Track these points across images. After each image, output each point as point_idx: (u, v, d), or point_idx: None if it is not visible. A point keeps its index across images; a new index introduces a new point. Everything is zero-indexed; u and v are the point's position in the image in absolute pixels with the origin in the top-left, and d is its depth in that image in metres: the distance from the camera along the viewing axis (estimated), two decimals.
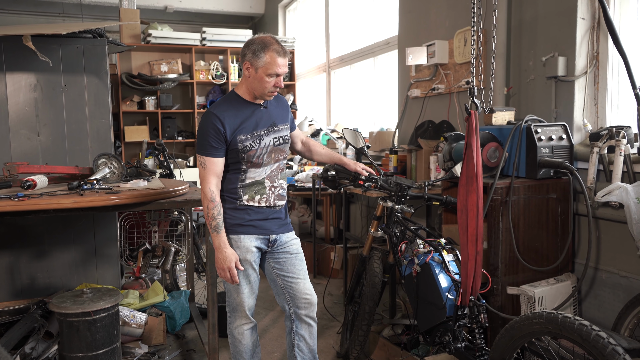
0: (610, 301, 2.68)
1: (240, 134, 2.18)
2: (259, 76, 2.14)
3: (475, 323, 2.24)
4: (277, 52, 2.13)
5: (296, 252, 2.36)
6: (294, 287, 2.32)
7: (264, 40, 2.14)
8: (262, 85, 2.17)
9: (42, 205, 2.20)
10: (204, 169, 2.17)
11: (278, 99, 2.39)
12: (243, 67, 2.18)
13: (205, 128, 2.16)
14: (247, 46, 2.16)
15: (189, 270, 3.56)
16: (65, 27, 2.95)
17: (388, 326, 2.94)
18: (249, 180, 2.24)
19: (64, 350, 1.98)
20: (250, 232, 2.23)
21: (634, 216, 2.32)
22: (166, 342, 3.13)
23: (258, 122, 2.24)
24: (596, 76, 2.85)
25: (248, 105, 2.24)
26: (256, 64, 2.13)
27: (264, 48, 2.11)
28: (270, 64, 2.12)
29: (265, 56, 2.11)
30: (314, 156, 2.61)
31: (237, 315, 2.32)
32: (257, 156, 2.22)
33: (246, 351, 2.34)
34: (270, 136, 2.26)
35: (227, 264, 2.14)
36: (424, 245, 2.43)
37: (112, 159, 2.85)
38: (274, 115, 2.31)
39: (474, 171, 2.13)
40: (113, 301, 2.01)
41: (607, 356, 1.68)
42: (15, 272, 3.18)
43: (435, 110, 3.96)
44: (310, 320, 2.36)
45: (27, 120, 3.14)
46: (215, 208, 2.15)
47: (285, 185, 2.37)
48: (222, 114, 2.17)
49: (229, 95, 2.28)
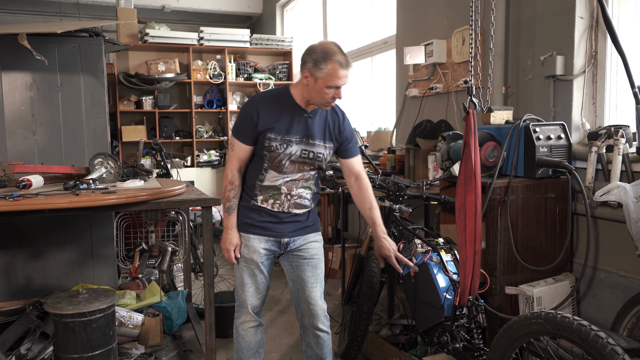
0: (609, 301, 2.67)
1: (271, 132, 2.11)
2: (318, 87, 2.04)
3: (474, 323, 2.23)
4: (340, 64, 2.01)
5: (311, 257, 2.28)
6: (300, 294, 2.29)
7: (327, 49, 2.02)
8: (320, 95, 2.06)
9: (38, 205, 2.18)
10: (232, 150, 2.18)
11: (336, 116, 2.24)
12: (302, 74, 2.08)
13: (243, 113, 2.15)
14: (308, 53, 2.05)
15: (186, 270, 3.54)
16: (61, 26, 2.93)
17: (386, 326, 2.93)
18: (267, 182, 2.18)
19: (59, 351, 1.97)
20: (260, 234, 2.20)
21: (632, 215, 2.31)
22: (163, 342, 3.11)
23: (294, 127, 2.14)
24: (595, 75, 2.84)
25: (293, 108, 2.15)
26: (316, 74, 2.02)
27: (326, 58, 2.00)
28: (331, 75, 2.01)
29: (327, 67, 2.00)
30: (357, 205, 2.38)
31: (242, 312, 2.30)
32: (279, 160, 2.14)
33: (248, 349, 2.31)
34: (300, 146, 2.15)
35: (227, 245, 2.21)
36: (422, 245, 2.42)
37: (109, 159, 2.83)
38: (315, 128, 2.17)
39: (472, 170, 2.12)
40: (109, 302, 1.99)
41: (606, 356, 1.67)
42: (11, 273, 3.16)
43: (433, 110, 3.95)
44: (316, 331, 2.30)
45: (23, 120, 3.12)
46: (233, 190, 2.17)
47: (307, 194, 2.24)
48: (263, 105, 2.12)
49: (282, 90, 2.20)
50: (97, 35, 3.25)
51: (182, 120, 6.82)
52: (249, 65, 6.74)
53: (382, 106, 5.10)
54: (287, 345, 3.15)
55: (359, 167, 2.32)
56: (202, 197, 2.59)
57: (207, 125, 6.82)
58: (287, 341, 3.20)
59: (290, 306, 3.81)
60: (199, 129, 6.66)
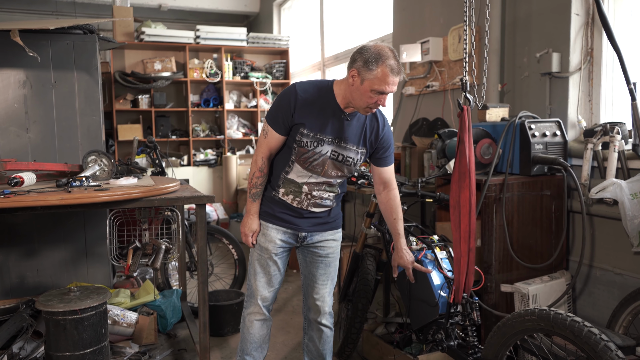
0: (605, 299, 2.66)
1: (304, 128, 2.04)
2: (363, 88, 1.93)
3: (468, 320, 2.21)
4: (392, 69, 1.90)
5: (325, 255, 2.26)
6: (309, 289, 2.29)
7: (380, 51, 1.91)
8: (363, 99, 1.96)
9: (29, 202, 2.16)
10: (264, 137, 2.12)
11: (375, 122, 2.14)
12: (349, 72, 1.97)
13: (281, 100, 2.07)
14: (360, 52, 1.94)
15: (181, 269, 3.52)
16: (54, 23, 2.91)
17: (381, 325, 2.91)
18: (291, 176, 2.13)
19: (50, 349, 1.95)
20: (279, 224, 2.19)
21: (628, 212, 2.30)
22: (157, 341, 3.09)
23: (328, 127, 2.05)
24: (590, 72, 2.83)
25: (332, 106, 2.05)
26: (364, 75, 1.91)
27: (378, 60, 1.89)
28: (380, 79, 1.90)
29: (377, 69, 1.90)
30: (382, 214, 2.31)
31: (251, 302, 2.26)
32: (307, 158, 2.08)
33: (252, 342, 2.28)
34: (331, 147, 2.07)
35: (246, 230, 2.22)
36: (417, 242, 2.41)
37: (102, 156, 2.81)
38: (350, 131, 2.08)
39: (466, 167, 2.11)
40: (101, 299, 1.98)
41: (599, 352, 1.66)
42: (4, 271, 3.13)
43: (429, 108, 3.94)
44: (320, 326, 2.30)
45: (16, 117, 3.09)
46: (260, 178, 2.15)
47: (330, 196, 2.19)
48: (303, 97, 2.03)
49: (325, 85, 2.08)
50: (91, 32, 3.23)
51: (179, 119, 6.80)
52: (246, 64, 6.72)
53: None
54: (282, 343, 3.13)
55: (390, 176, 2.24)
56: (196, 195, 2.57)
57: (204, 124, 6.80)
58: (283, 340, 3.19)
59: (286, 305, 3.80)
60: (196, 128, 6.64)
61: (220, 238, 3.68)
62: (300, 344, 3.11)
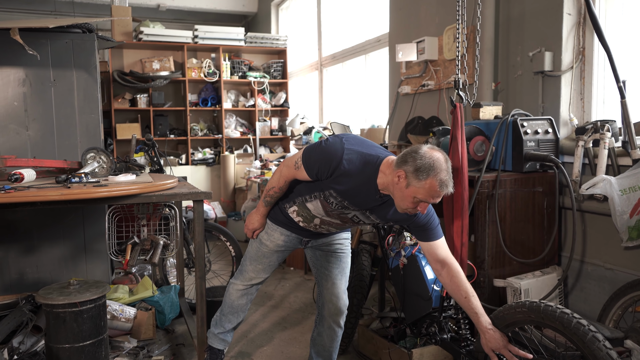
0: (596, 293, 2.70)
1: (336, 192, 1.97)
2: (406, 192, 1.81)
3: (461, 314, 2.25)
4: (441, 185, 1.78)
5: (334, 250, 2.30)
6: (324, 284, 2.34)
7: (435, 163, 1.78)
8: (403, 201, 1.85)
9: (29, 198, 2.20)
10: (295, 168, 2.02)
11: None
12: (396, 171, 1.83)
13: (325, 155, 1.93)
14: (413, 156, 1.80)
15: (179, 265, 3.56)
16: (54, 22, 2.95)
17: (376, 320, 2.95)
18: (308, 205, 2.12)
19: (50, 341, 1.99)
20: (285, 227, 2.25)
21: (617, 208, 2.35)
22: (155, 336, 3.12)
23: (359, 200, 1.98)
24: (582, 71, 2.88)
25: (371, 186, 1.92)
26: (411, 181, 1.79)
27: (430, 172, 1.76)
28: (427, 191, 1.79)
29: (426, 182, 1.77)
30: (450, 294, 2.05)
31: (239, 277, 2.41)
32: (328, 210, 2.07)
33: (230, 306, 2.45)
34: (355, 212, 2.05)
35: (249, 225, 2.30)
36: (411, 238, 2.45)
37: (101, 153, 2.85)
38: (379, 208, 2.01)
39: (459, 163, 2.15)
40: (100, 292, 2.02)
41: (587, 343, 1.70)
42: (4, 267, 3.17)
43: (425, 106, 3.98)
44: (333, 325, 2.34)
45: (16, 115, 3.13)
46: (277, 193, 2.17)
47: (335, 231, 2.26)
48: (346, 168, 1.89)
49: (373, 162, 1.91)
50: (90, 31, 3.27)
51: (177, 119, 6.83)
52: (244, 63, 6.76)
53: (375, 104, 5.13)
54: (279, 339, 3.17)
55: (445, 252, 2.02)
56: (194, 191, 2.61)
57: (202, 123, 6.84)
58: (279, 335, 3.22)
59: (283, 301, 3.83)
60: (194, 127, 6.68)
61: (217, 235, 3.71)
62: (296, 339, 3.15)
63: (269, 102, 6.89)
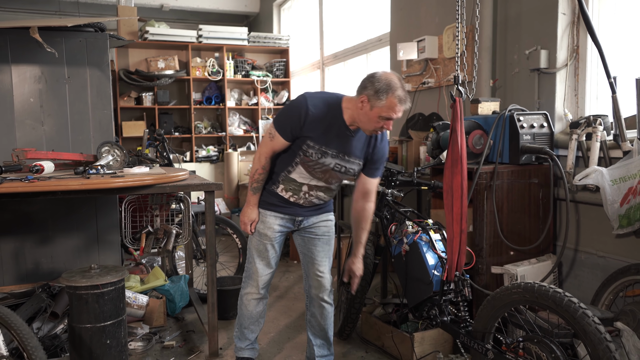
0: (589, 280, 2.83)
1: (311, 140, 2.18)
2: (371, 114, 2.07)
3: (460, 297, 2.38)
4: (399, 100, 2.05)
5: (322, 234, 2.44)
6: (309, 265, 2.46)
7: (390, 82, 2.04)
8: (370, 123, 2.10)
9: (52, 187, 2.32)
10: (270, 139, 2.24)
11: (373, 137, 2.28)
12: (358, 97, 2.09)
13: (292, 110, 2.17)
14: (370, 81, 2.06)
15: (188, 256, 3.68)
16: (71, 20, 3.07)
17: (379, 307, 3.07)
18: (292, 176, 2.28)
19: (73, 321, 2.11)
20: (277, 211, 2.36)
21: (608, 197, 2.47)
22: (166, 324, 3.24)
23: (334, 142, 2.19)
24: (576, 68, 3.00)
25: (339, 123, 2.17)
26: (374, 103, 2.05)
27: (387, 90, 2.03)
28: (389, 108, 2.04)
29: (387, 99, 2.03)
30: (352, 219, 2.47)
31: (249, 284, 2.46)
32: (311, 166, 2.24)
33: (249, 317, 2.50)
34: (335, 160, 2.23)
35: (245, 219, 2.38)
36: (413, 226, 2.57)
37: (115, 147, 2.97)
38: (354, 146, 2.23)
39: (458, 154, 2.27)
40: (119, 276, 2.14)
41: (578, 319, 1.83)
42: (20, 257, 3.29)
43: (425, 103, 4.11)
44: (321, 302, 2.47)
45: (32, 111, 3.25)
46: (262, 175, 2.30)
47: (325, 197, 2.38)
48: (313, 111, 2.13)
49: (332, 99, 2.19)
50: (102, 30, 3.39)
51: (181, 116, 6.96)
52: (247, 62, 6.89)
53: None
54: (285, 325, 3.29)
55: (373, 188, 2.38)
56: (205, 182, 2.74)
57: (206, 121, 6.96)
58: (285, 322, 3.35)
59: (288, 292, 3.96)
60: (198, 125, 6.80)
61: (224, 228, 3.83)
62: (301, 326, 3.27)
63: (272, 101, 7.02)
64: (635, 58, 2.79)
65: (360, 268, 2.45)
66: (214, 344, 2.83)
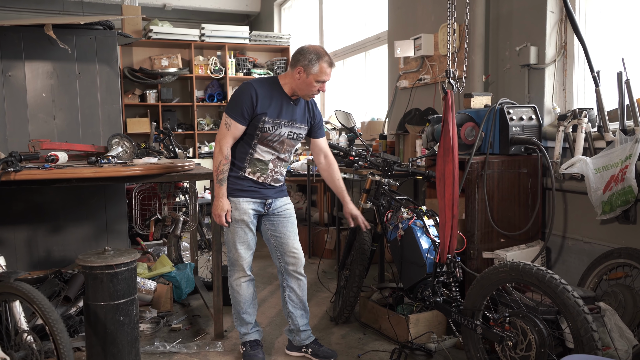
0: (576, 266, 2.98)
1: (265, 116, 2.48)
2: (309, 81, 2.46)
3: (452, 278, 2.52)
4: (328, 64, 2.48)
5: (289, 215, 2.70)
6: (284, 245, 2.68)
7: (318, 51, 2.47)
8: (309, 88, 2.49)
9: (68, 174, 2.47)
10: (227, 129, 2.48)
11: (310, 104, 2.68)
12: (294, 70, 2.48)
13: (242, 95, 2.47)
14: (301, 54, 2.47)
15: (193, 245, 3.83)
16: (84, 18, 3.22)
17: (376, 291, 3.22)
18: (257, 156, 2.55)
19: (89, 300, 2.25)
20: (249, 196, 2.58)
21: (592, 185, 2.62)
22: (173, 309, 3.39)
23: (283, 112, 2.53)
24: (564, 64, 3.15)
25: (282, 95, 2.54)
26: (309, 71, 2.45)
27: (318, 58, 2.44)
28: (321, 72, 2.46)
29: (318, 65, 2.44)
30: (326, 180, 2.84)
31: (236, 269, 2.67)
32: (270, 140, 2.53)
33: (244, 301, 2.70)
34: (287, 128, 2.56)
35: (218, 212, 2.53)
36: (408, 212, 2.72)
37: (124, 139, 3.12)
38: (297, 113, 2.60)
39: (450, 144, 2.42)
40: (132, 257, 2.28)
41: (558, 293, 1.98)
42: (32, 246, 3.44)
43: (421, 99, 4.25)
44: (298, 275, 2.72)
45: (44, 105, 3.40)
46: (226, 165, 2.51)
47: (284, 171, 2.71)
48: (260, 91, 2.47)
49: (271, 79, 2.57)
50: (110, 28, 3.54)
51: (184, 113, 7.10)
52: (248, 61, 7.03)
53: (375, 98, 5.40)
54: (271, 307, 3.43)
55: (327, 146, 2.79)
56: (211, 172, 2.88)
57: (208, 118, 7.11)
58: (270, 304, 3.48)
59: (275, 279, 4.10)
60: (200, 122, 6.95)
61: None
62: None
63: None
64: (619, 53, 2.94)
65: (354, 208, 2.81)
66: (219, 326, 2.98)
